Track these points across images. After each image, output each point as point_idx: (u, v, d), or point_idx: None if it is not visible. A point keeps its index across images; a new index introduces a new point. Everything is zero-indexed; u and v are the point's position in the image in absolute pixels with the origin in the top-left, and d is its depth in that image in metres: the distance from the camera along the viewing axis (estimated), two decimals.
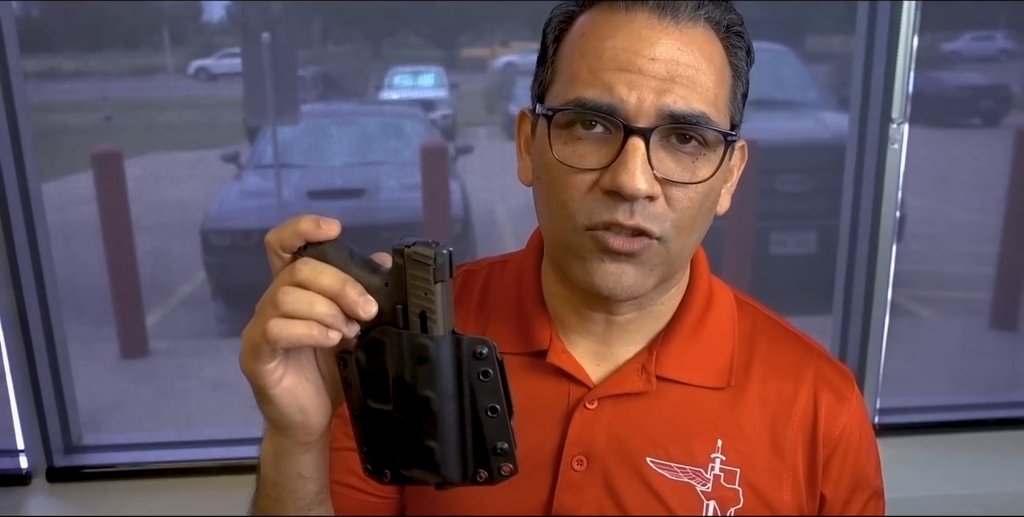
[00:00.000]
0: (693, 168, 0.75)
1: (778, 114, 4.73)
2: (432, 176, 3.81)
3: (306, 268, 0.64)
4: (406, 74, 5.68)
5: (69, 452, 1.76)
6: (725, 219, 4.33)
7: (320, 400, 0.71)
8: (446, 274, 0.62)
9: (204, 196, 4.20)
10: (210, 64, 4.62)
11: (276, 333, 0.63)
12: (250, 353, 0.66)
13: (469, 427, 0.64)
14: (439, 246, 0.62)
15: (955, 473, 1.81)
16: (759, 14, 4.47)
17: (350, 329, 0.64)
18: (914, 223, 4.25)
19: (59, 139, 3.72)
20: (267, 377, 0.67)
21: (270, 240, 0.66)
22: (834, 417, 0.86)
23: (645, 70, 0.73)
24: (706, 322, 0.87)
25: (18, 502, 1.68)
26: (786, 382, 0.86)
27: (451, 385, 0.63)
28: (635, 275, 0.76)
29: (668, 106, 0.73)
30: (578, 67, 0.76)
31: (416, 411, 0.64)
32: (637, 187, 0.72)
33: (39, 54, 3.80)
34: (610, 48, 0.74)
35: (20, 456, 1.71)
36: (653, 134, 0.73)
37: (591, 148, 0.75)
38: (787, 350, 0.88)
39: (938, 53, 5.19)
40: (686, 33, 0.75)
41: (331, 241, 0.65)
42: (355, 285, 0.63)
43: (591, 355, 0.86)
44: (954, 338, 3.87)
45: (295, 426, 0.71)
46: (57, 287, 1.71)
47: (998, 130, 5.59)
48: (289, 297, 0.63)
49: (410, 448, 0.65)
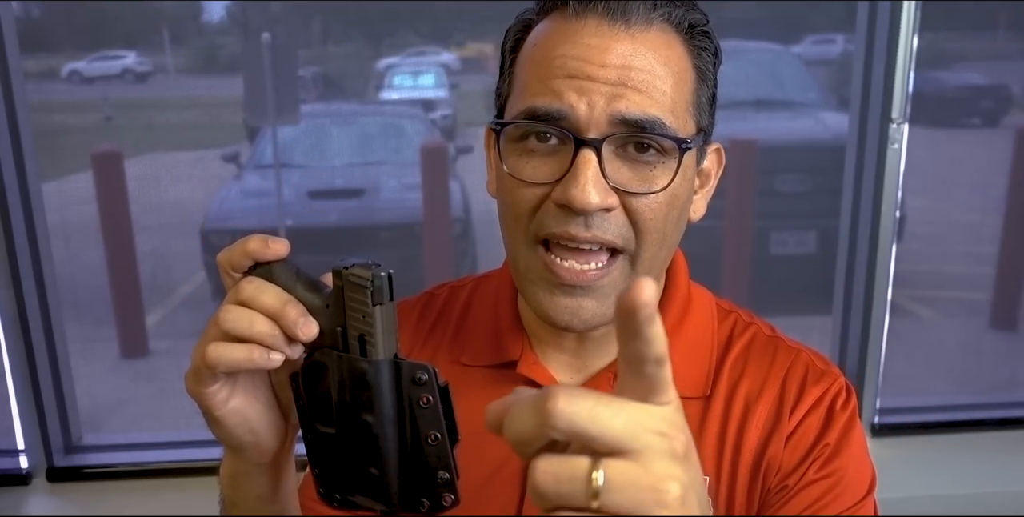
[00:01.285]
0: (651, 177, 0.73)
1: (778, 114, 4.73)
2: (432, 176, 3.81)
3: (250, 287, 0.63)
4: (406, 74, 5.68)
5: (69, 452, 1.76)
6: (725, 219, 4.32)
7: (272, 421, 0.70)
8: (384, 297, 0.60)
9: (204, 196, 4.20)
10: (82, 67, 4.63)
11: (215, 357, 0.62)
12: (192, 376, 0.66)
13: (410, 454, 0.62)
14: (378, 268, 0.60)
15: (955, 473, 1.81)
16: (759, 14, 4.48)
17: (293, 350, 0.63)
18: (914, 223, 4.25)
19: (59, 139, 3.73)
20: (210, 399, 0.66)
21: (221, 260, 0.66)
22: (801, 395, 0.81)
23: (595, 77, 0.71)
24: (682, 331, 0.84)
25: (18, 502, 1.68)
26: (754, 384, 0.83)
27: (391, 410, 0.61)
28: (594, 306, 0.74)
29: (620, 111, 0.71)
30: (529, 77, 0.75)
31: (357, 436, 0.62)
32: (588, 201, 0.70)
33: (39, 54, 3.80)
34: (560, 57, 0.73)
35: (20, 456, 1.71)
36: (605, 144, 0.71)
37: (543, 161, 0.73)
38: (760, 352, 0.85)
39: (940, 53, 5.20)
40: (638, 38, 0.73)
41: (279, 261, 0.64)
42: (296, 305, 0.62)
43: (565, 367, 0.84)
44: (954, 338, 3.87)
45: (246, 447, 0.70)
46: (57, 287, 1.71)
47: (998, 130, 5.59)
48: (231, 315, 0.63)
49: (354, 473, 0.64)
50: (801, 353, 0.85)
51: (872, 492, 0.81)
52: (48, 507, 1.69)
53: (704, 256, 0.78)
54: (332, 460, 0.65)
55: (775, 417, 0.81)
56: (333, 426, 0.64)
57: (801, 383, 0.82)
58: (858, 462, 0.81)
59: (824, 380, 0.83)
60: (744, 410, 0.81)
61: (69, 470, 1.72)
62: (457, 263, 3.83)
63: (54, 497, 1.70)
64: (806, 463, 0.79)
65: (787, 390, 0.82)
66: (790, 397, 0.81)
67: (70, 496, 1.70)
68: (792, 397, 0.81)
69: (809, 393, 0.81)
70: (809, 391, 0.81)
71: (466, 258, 3.98)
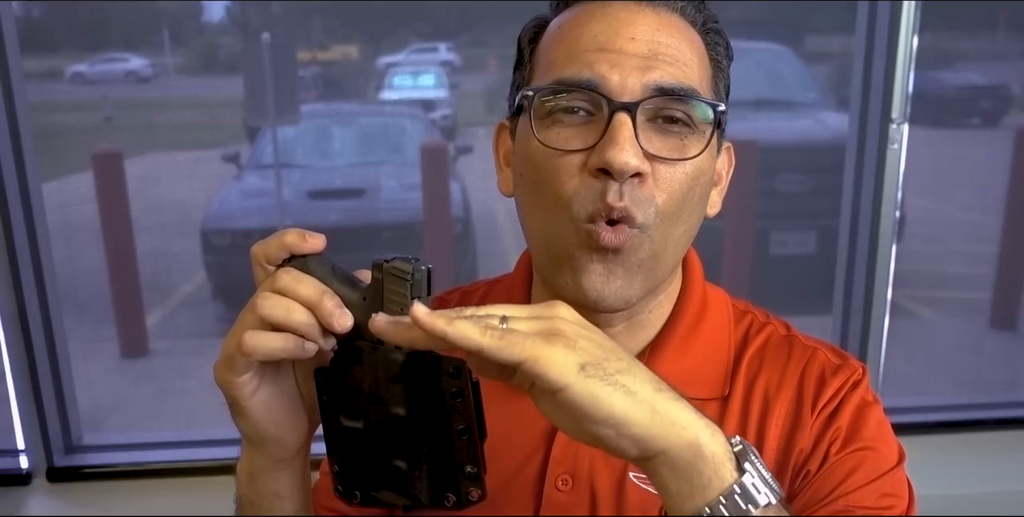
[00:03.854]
0: (682, 146, 0.73)
1: (778, 114, 4.74)
2: (432, 176, 3.81)
3: (287, 277, 0.63)
4: (406, 74, 5.68)
5: (69, 452, 1.76)
6: (725, 219, 4.31)
7: (296, 415, 0.69)
8: (424, 290, 0.60)
9: (204, 196, 4.21)
10: (84, 69, 4.64)
11: (252, 345, 0.62)
12: (225, 364, 0.65)
13: (439, 448, 0.62)
14: (418, 262, 0.60)
15: (955, 473, 1.81)
16: (760, 14, 4.48)
17: (327, 342, 0.63)
18: (914, 223, 4.26)
19: (59, 139, 3.73)
20: (241, 389, 0.66)
21: (255, 252, 0.66)
22: (820, 390, 0.80)
23: (626, 49, 0.71)
24: (699, 331, 0.83)
25: (18, 502, 1.68)
26: (770, 383, 0.82)
27: (423, 403, 0.61)
28: (623, 274, 0.73)
29: (655, 81, 0.71)
30: (555, 54, 0.74)
31: (386, 429, 0.63)
32: (626, 161, 0.68)
33: (39, 54, 3.81)
34: (588, 32, 0.73)
35: (20, 456, 1.71)
36: (639, 110, 0.70)
37: (575, 131, 0.72)
38: (775, 352, 0.84)
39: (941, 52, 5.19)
40: (663, 17, 0.74)
41: (315, 255, 0.65)
42: (333, 297, 0.62)
43: None
44: (954, 338, 3.88)
45: (269, 441, 0.69)
46: (57, 287, 1.71)
47: (998, 130, 5.60)
48: (268, 302, 0.62)
49: (379, 468, 0.64)
50: (817, 351, 0.84)
51: (902, 463, 0.79)
52: (48, 507, 1.69)
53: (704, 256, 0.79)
54: (355, 455, 0.65)
55: (795, 416, 0.80)
56: (360, 419, 0.64)
57: (819, 381, 0.81)
58: (882, 437, 0.79)
59: (841, 374, 0.81)
60: (762, 410, 0.80)
61: (69, 470, 1.72)
62: (457, 263, 3.83)
63: (54, 497, 1.70)
64: (826, 445, 0.78)
65: (805, 388, 0.81)
66: (808, 395, 0.80)
67: (70, 496, 1.70)
68: (811, 395, 0.80)
69: (829, 386, 0.80)
70: (829, 385, 0.80)
71: (466, 258, 3.98)
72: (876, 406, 0.81)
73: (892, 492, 0.76)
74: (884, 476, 0.76)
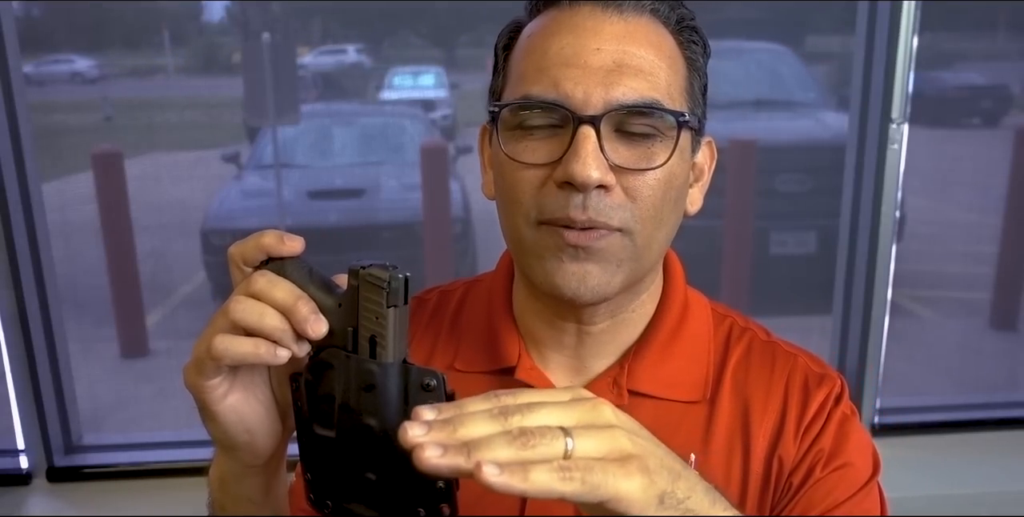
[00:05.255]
0: (649, 154, 0.73)
1: (778, 114, 4.73)
2: (432, 176, 3.81)
3: (262, 280, 0.62)
4: (406, 74, 5.68)
5: (69, 452, 1.76)
6: (725, 219, 4.33)
7: (269, 421, 0.68)
8: (400, 299, 0.59)
9: (204, 196, 4.20)
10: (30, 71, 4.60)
11: (221, 349, 0.61)
12: (194, 367, 0.64)
13: (411, 461, 0.59)
14: (396, 269, 0.59)
15: (955, 473, 1.81)
16: (760, 14, 4.48)
17: (300, 348, 0.62)
18: (914, 223, 4.25)
19: (59, 139, 3.73)
20: (210, 393, 0.64)
21: (232, 253, 0.65)
22: (806, 402, 0.82)
23: (591, 63, 0.72)
24: (681, 333, 0.84)
25: (18, 502, 1.68)
26: (758, 389, 0.83)
27: (396, 415, 0.59)
28: (600, 273, 0.74)
29: (617, 99, 0.71)
30: (525, 66, 0.75)
31: (358, 440, 0.61)
32: (588, 175, 0.69)
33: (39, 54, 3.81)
34: (555, 44, 0.73)
35: (20, 456, 1.71)
36: (603, 122, 0.71)
37: (541, 144, 0.73)
38: (760, 358, 0.85)
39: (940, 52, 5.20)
40: (631, 23, 0.74)
41: (292, 258, 0.64)
42: (308, 302, 0.61)
43: (564, 369, 0.84)
44: (954, 338, 3.88)
45: (240, 447, 0.68)
46: (57, 287, 1.71)
47: (998, 130, 5.60)
48: (241, 306, 0.61)
49: (351, 479, 0.63)
50: (798, 358, 0.85)
51: (877, 473, 0.82)
52: (48, 507, 1.69)
53: (704, 256, 0.78)
54: (328, 465, 0.64)
55: (780, 426, 0.81)
56: (333, 429, 0.63)
57: (803, 390, 0.83)
58: (860, 450, 0.82)
59: (824, 385, 0.83)
60: (750, 419, 0.82)
61: (69, 470, 1.72)
62: (457, 263, 3.83)
63: (54, 497, 1.70)
64: (810, 462, 0.80)
65: (790, 397, 0.82)
66: (793, 406, 0.82)
67: (70, 496, 1.70)
68: (796, 406, 0.82)
69: (813, 399, 0.82)
70: (813, 397, 0.82)
71: (466, 258, 3.98)
72: (854, 418, 0.83)
73: (869, 505, 0.80)
74: (862, 490, 0.80)
